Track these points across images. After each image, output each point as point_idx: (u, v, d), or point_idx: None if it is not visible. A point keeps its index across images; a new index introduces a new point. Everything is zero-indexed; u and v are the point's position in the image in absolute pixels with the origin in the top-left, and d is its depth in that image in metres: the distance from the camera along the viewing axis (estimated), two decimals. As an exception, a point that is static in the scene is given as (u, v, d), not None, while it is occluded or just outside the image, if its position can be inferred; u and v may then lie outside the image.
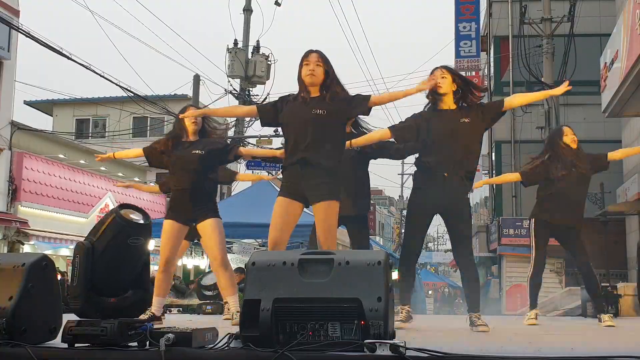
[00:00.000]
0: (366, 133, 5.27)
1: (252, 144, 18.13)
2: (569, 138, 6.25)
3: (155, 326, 2.86)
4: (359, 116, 5.11)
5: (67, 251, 16.89)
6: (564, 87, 4.99)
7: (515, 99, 5.14)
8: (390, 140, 5.07)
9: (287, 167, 4.47)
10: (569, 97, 19.13)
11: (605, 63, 13.29)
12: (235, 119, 16.94)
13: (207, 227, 5.31)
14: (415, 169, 5.15)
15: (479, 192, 28.39)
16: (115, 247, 2.98)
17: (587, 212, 18.23)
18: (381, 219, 55.29)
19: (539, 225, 6.32)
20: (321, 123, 4.33)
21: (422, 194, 4.93)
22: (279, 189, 4.67)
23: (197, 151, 5.30)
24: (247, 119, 17.68)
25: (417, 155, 5.06)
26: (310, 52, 4.46)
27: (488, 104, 5.78)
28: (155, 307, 5.23)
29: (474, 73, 24.03)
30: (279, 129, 4.94)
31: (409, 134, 4.96)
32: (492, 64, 22.70)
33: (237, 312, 5.29)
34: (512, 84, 20.90)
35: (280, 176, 5.00)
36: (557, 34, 17.81)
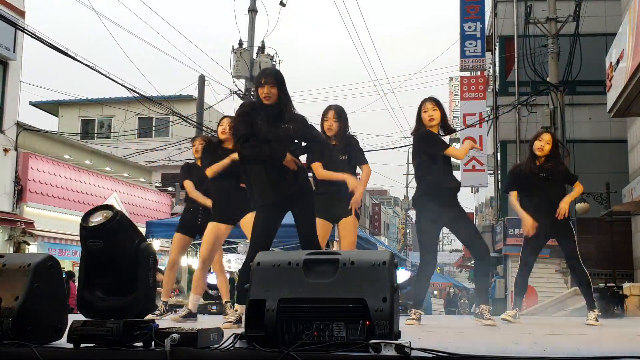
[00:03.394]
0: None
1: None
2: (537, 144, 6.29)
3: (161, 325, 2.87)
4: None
5: (72, 252, 16.92)
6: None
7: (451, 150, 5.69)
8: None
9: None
10: (575, 97, 19.11)
11: (611, 63, 13.27)
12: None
13: None
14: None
15: (484, 192, 28.37)
16: (85, 251, 3.01)
17: (593, 212, 18.11)
18: (386, 219, 55.30)
19: None
20: None
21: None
22: None
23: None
24: None
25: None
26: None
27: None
28: (191, 304, 5.90)
29: (479, 73, 24.02)
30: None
31: None
32: (497, 64, 22.67)
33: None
34: (517, 84, 20.87)
35: None
36: (563, 33, 17.77)
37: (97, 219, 2.96)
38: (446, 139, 5.86)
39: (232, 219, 5.77)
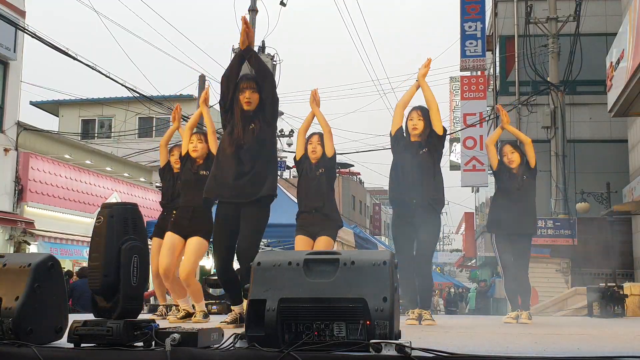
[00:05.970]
0: None
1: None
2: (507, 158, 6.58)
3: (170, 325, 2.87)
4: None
5: (73, 251, 16.93)
6: None
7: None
8: None
9: None
10: (575, 97, 19.10)
11: (611, 62, 13.27)
12: None
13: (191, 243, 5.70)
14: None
15: (484, 192, 28.35)
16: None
17: (593, 212, 18.05)
18: (386, 219, 55.25)
19: None
20: None
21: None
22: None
23: (204, 172, 5.64)
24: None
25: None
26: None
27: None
28: (186, 307, 5.87)
29: (479, 73, 24.01)
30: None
31: None
32: (497, 64, 22.67)
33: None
34: (517, 84, 20.86)
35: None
36: (563, 33, 17.78)
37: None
38: (446, 139, 5.84)
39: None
